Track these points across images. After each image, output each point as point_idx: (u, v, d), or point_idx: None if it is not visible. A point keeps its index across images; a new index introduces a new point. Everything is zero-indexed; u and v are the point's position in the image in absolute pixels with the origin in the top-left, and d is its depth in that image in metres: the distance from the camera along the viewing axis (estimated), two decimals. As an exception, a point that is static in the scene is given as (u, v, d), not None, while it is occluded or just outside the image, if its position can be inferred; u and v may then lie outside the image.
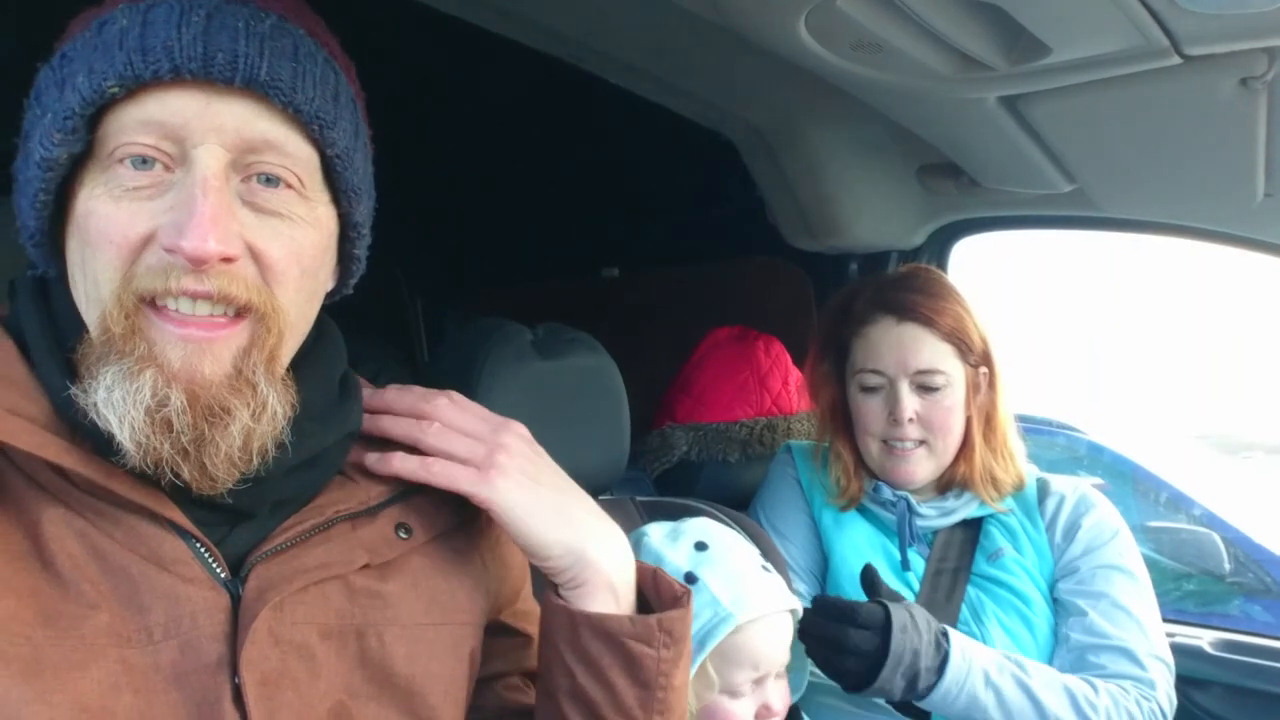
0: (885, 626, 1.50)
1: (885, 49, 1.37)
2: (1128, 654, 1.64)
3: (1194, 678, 1.70)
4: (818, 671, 1.57)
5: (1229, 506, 4.10)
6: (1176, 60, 1.32)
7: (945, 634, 1.56)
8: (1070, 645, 1.67)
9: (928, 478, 1.84)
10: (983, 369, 1.85)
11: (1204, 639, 2.32)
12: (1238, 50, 1.31)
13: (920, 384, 1.80)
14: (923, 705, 1.58)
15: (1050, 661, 1.71)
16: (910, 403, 1.79)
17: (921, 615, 1.56)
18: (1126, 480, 4.30)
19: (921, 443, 1.81)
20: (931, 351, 1.80)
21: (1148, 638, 1.68)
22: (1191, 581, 3.88)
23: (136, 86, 0.84)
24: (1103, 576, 1.72)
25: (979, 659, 1.56)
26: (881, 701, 1.67)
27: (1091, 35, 1.27)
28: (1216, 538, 3.89)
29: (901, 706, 1.66)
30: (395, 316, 3.76)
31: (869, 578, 1.62)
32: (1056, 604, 1.75)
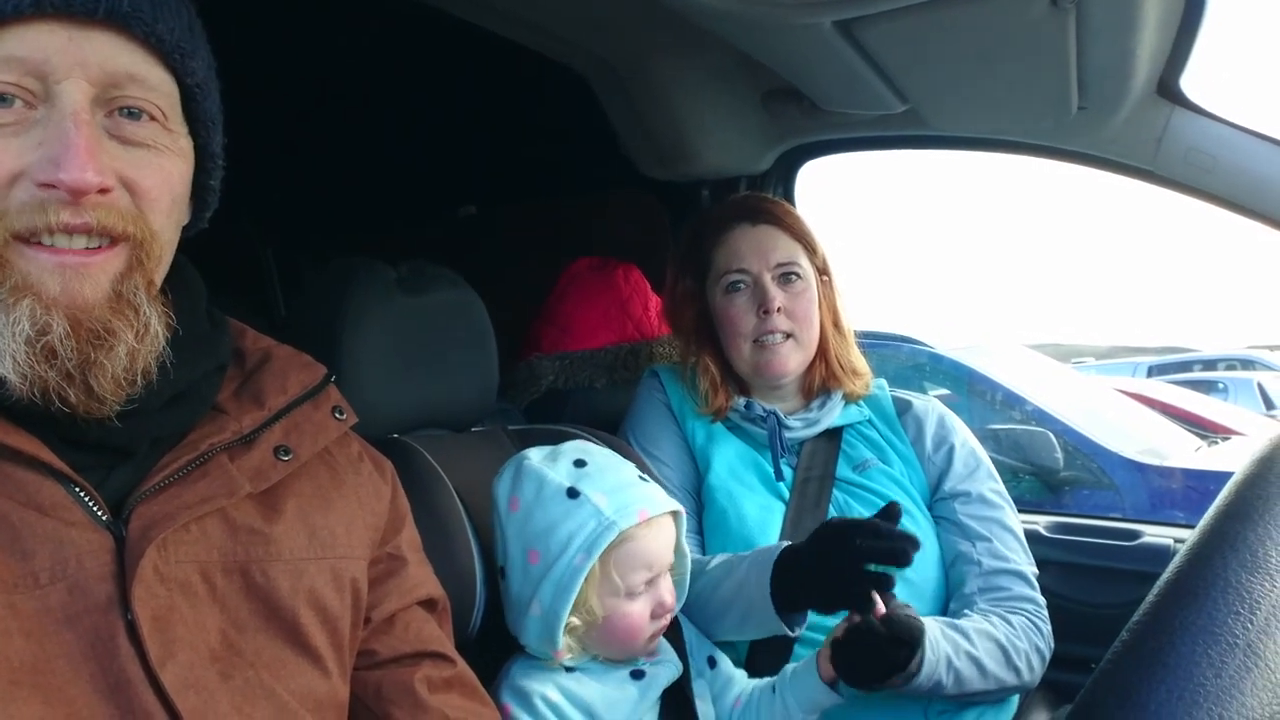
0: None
1: (724, -26, 1.41)
2: (1023, 578, 1.78)
3: (1034, 558, 1.86)
4: None
5: (1059, 404, 4.42)
6: (992, -18, 1.41)
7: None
8: (983, 569, 1.77)
9: (797, 370, 1.94)
10: (824, 277, 2.00)
11: (1040, 523, 2.53)
12: (1047, -29, 1.39)
13: (782, 275, 1.92)
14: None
15: (943, 569, 1.81)
16: (776, 294, 1.90)
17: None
18: (963, 385, 4.60)
19: (789, 336, 1.91)
20: (787, 247, 1.94)
21: (1029, 557, 1.83)
22: (1029, 478, 4.20)
23: None
24: (991, 501, 1.85)
25: (941, 646, 1.57)
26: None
27: (914, -42, 1.34)
28: (1050, 435, 4.20)
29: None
30: (249, 268, 3.66)
31: (894, 514, 1.52)
32: (947, 521, 1.85)
